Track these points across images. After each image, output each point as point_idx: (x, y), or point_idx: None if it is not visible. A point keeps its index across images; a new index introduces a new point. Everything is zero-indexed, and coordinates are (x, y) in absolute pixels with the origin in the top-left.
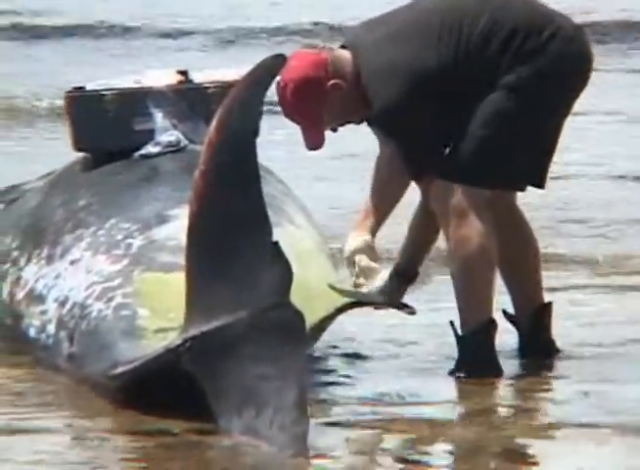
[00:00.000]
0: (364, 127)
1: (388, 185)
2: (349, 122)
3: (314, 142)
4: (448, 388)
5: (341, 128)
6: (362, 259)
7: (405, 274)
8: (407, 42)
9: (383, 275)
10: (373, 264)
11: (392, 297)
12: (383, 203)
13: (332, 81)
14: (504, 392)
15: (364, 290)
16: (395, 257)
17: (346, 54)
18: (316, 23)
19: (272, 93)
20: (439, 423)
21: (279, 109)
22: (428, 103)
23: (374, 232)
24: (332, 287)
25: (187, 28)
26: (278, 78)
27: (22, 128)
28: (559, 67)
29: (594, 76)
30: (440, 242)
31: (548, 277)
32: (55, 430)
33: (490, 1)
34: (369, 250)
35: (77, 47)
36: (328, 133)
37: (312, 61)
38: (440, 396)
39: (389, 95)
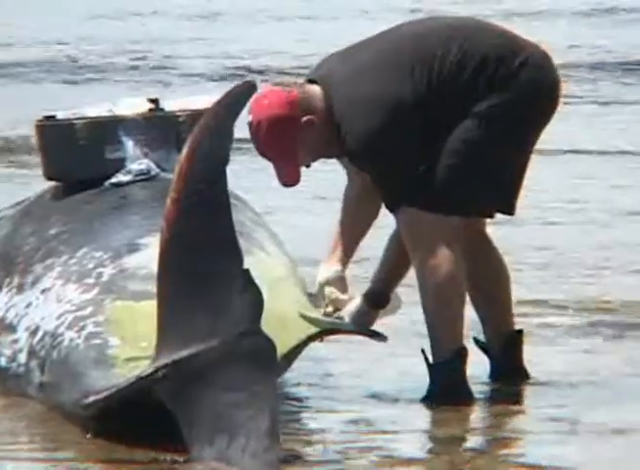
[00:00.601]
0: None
1: (357, 215)
2: (323, 157)
3: (290, 179)
4: (420, 415)
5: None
6: (332, 292)
7: (377, 300)
8: (379, 74)
9: (355, 301)
10: (342, 296)
11: (363, 323)
12: (352, 233)
13: (304, 118)
14: (476, 419)
15: (335, 317)
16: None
17: (316, 89)
18: None
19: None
20: (411, 452)
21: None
22: (403, 133)
23: (344, 262)
24: (303, 316)
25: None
26: (250, 118)
27: None
28: (529, 94)
29: None
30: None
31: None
32: (25, 459)
33: (461, 30)
34: (339, 281)
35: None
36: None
37: (284, 99)
38: (412, 424)
39: (365, 128)
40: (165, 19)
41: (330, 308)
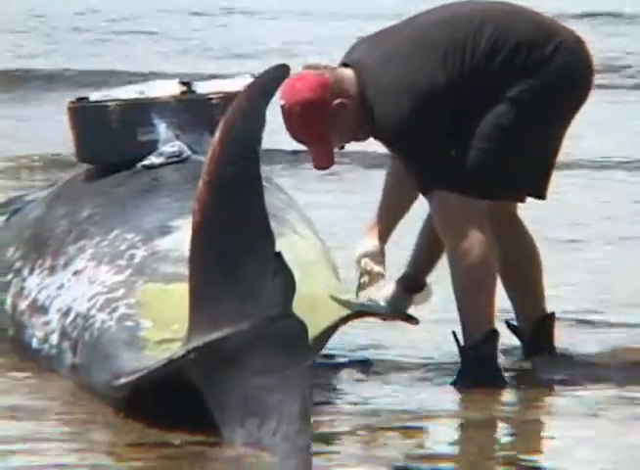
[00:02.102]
0: None
1: (398, 194)
2: (355, 140)
3: (323, 162)
4: (451, 399)
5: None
6: (368, 263)
7: (412, 284)
8: (412, 58)
9: (390, 285)
10: (377, 269)
11: (397, 307)
12: (393, 211)
13: (336, 101)
14: (507, 402)
15: (367, 294)
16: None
17: (349, 72)
18: None
19: None
20: (441, 436)
21: None
22: (435, 118)
23: (383, 239)
24: (335, 298)
25: None
26: (282, 102)
27: None
28: (562, 79)
29: None
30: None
31: None
32: (57, 440)
33: (494, 14)
34: (377, 255)
35: None
36: None
37: (315, 82)
38: (442, 406)
39: (398, 112)
40: None
41: (365, 279)
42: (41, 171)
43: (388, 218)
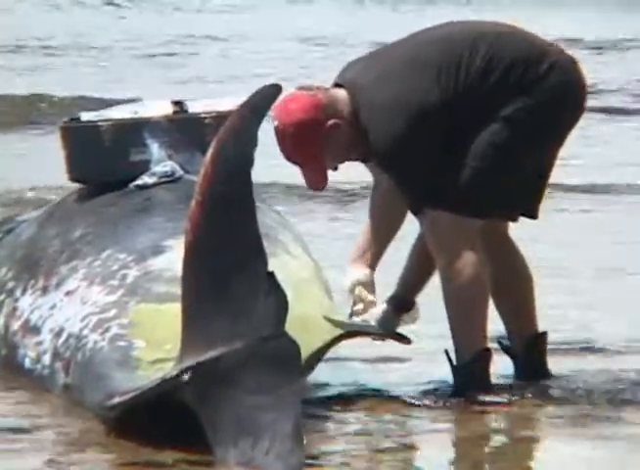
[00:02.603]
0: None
1: (385, 219)
2: (349, 160)
3: (317, 183)
4: (443, 416)
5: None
6: (362, 291)
7: (401, 304)
8: (405, 78)
9: (380, 306)
10: (371, 297)
11: (388, 326)
12: (380, 237)
13: (329, 122)
14: (498, 420)
15: (360, 320)
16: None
17: (342, 93)
18: None
19: None
20: (433, 453)
21: None
22: (429, 136)
23: (372, 266)
24: (328, 319)
25: None
26: (276, 123)
27: None
28: (556, 98)
29: None
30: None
31: None
32: (49, 460)
33: (487, 34)
34: (369, 283)
35: None
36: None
37: (309, 103)
38: (435, 424)
39: (392, 131)
40: None
41: (359, 307)
42: None
43: (376, 245)
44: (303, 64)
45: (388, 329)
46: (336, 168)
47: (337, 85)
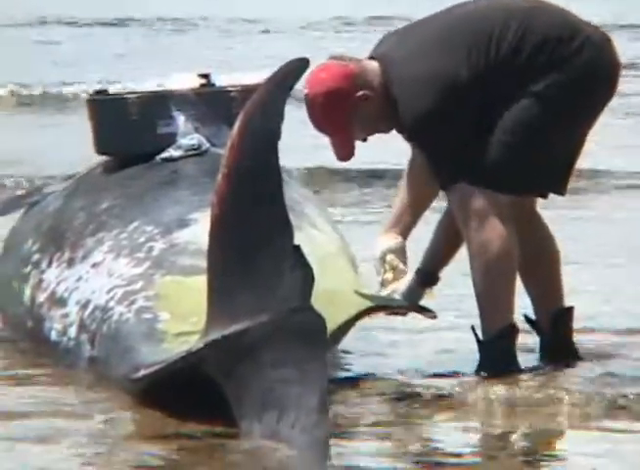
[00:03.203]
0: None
1: (419, 189)
2: (378, 132)
3: (344, 153)
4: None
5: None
6: (394, 259)
7: (426, 278)
8: (437, 53)
9: (406, 279)
10: (402, 266)
11: (412, 299)
12: (414, 207)
13: (360, 92)
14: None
15: (389, 289)
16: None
17: (374, 65)
18: None
19: None
20: (461, 424)
21: None
22: (459, 112)
23: (405, 235)
24: (358, 293)
25: None
26: (306, 91)
27: None
28: (587, 76)
29: None
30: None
31: None
32: (76, 434)
33: (520, 9)
34: (400, 251)
35: None
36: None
37: (340, 72)
38: (460, 398)
39: (421, 105)
40: None
41: (389, 275)
42: None
43: (408, 217)
44: None
45: (412, 302)
46: (365, 140)
47: (370, 58)
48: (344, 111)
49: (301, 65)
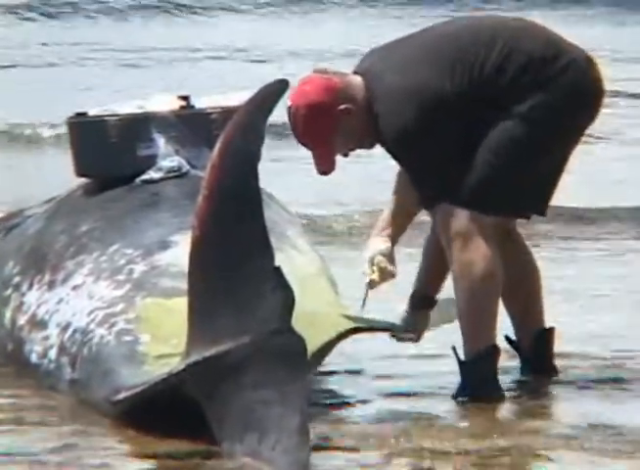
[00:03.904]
0: None
1: (408, 198)
2: (360, 147)
3: (325, 167)
4: (449, 411)
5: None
6: (382, 261)
7: (420, 302)
8: (421, 69)
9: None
10: (390, 268)
11: (411, 325)
12: (402, 214)
13: (342, 106)
14: (506, 415)
15: (376, 289)
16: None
17: (358, 79)
18: None
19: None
20: (439, 447)
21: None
22: (440, 129)
23: (393, 242)
24: (343, 315)
25: None
26: (290, 103)
27: None
28: (572, 97)
29: None
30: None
31: None
32: (56, 451)
33: (505, 29)
34: (388, 254)
35: None
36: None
37: (323, 85)
38: (442, 419)
39: (403, 120)
40: None
41: (375, 276)
42: None
43: (397, 222)
44: None
45: (400, 325)
46: (346, 155)
47: (354, 73)
48: (326, 124)
49: (281, 86)
